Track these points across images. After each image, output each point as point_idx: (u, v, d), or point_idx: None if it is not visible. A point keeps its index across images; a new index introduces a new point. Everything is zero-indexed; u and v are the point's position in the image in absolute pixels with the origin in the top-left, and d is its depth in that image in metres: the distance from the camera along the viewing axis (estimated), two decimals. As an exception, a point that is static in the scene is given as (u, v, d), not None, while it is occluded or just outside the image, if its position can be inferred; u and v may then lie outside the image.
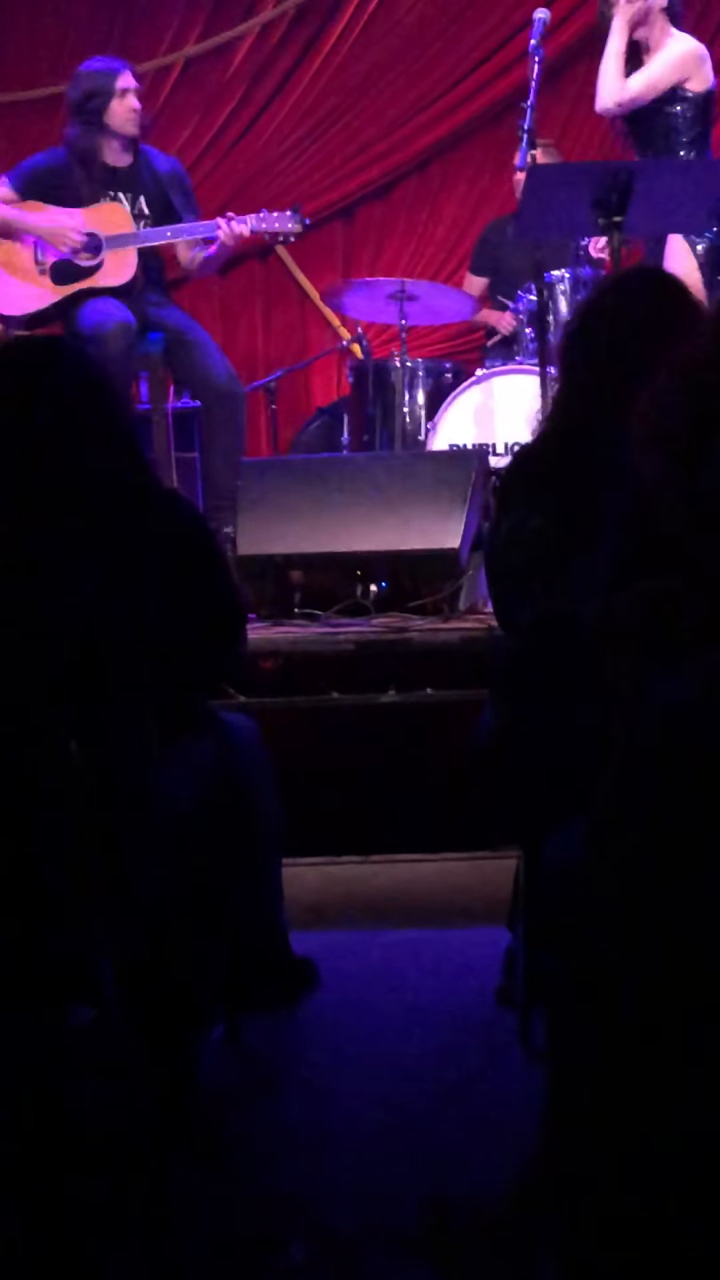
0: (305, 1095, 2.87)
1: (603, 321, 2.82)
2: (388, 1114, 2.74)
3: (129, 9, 7.42)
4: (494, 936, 3.28)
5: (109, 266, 5.45)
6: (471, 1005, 3.23)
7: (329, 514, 4.80)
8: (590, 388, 2.77)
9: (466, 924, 3.71)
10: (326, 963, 3.32)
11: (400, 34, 7.38)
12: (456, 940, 3.65)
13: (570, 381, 2.89)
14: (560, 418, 2.91)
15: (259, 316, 7.72)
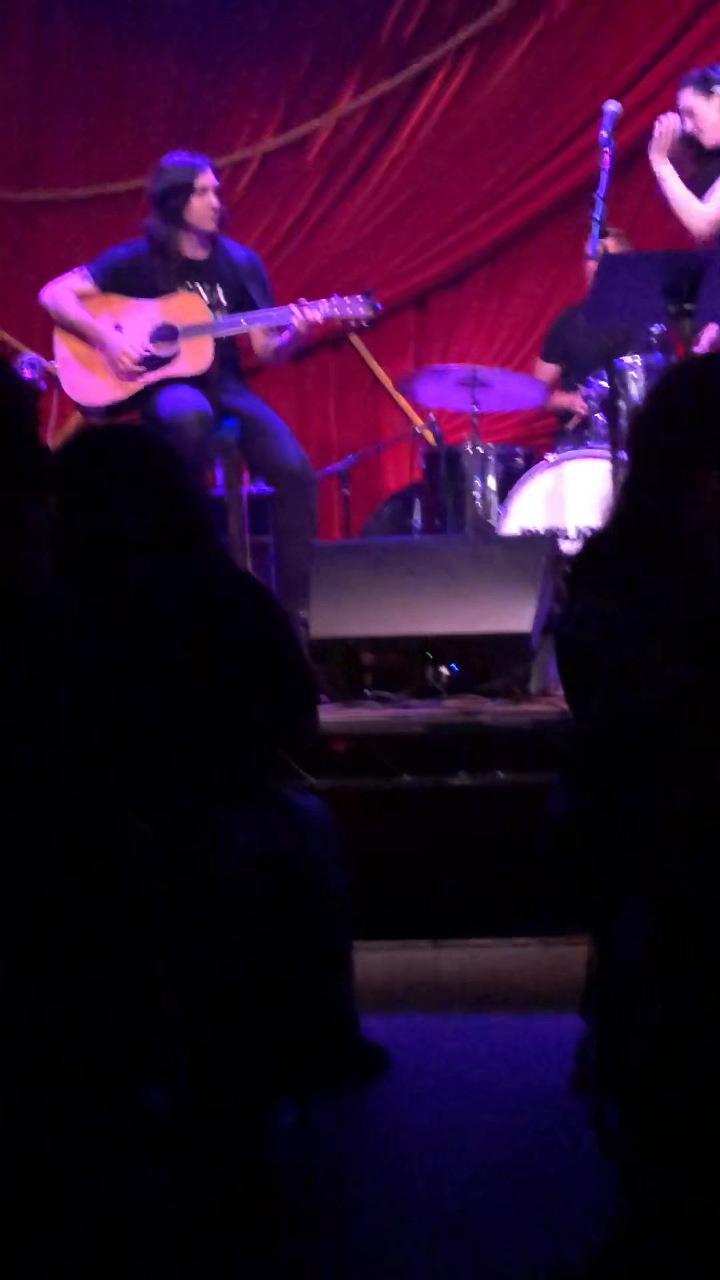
0: (375, 1182, 2.85)
1: (670, 408, 2.84)
2: (459, 1203, 2.71)
3: (206, 105, 7.58)
4: (566, 1023, 3.25)
5: (185, 355, 5.54)
6: (544, 1093, 3.20)
7: (400, 597, 4.82)
8: (658, 474, 2.79)
9: (538, 1010, 3.68)
10: (397, 1048, 3.30)
11: (473, 127, 7.49)
12: (528, 1026, 3.62)
13: (638, 467, 2.91)
14: (628, 504, 2.93)
15: (332, 403, 7.80)
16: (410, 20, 7.44)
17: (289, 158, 7.58)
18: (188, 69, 7.53)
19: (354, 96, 7.49)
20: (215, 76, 7.55)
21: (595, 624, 2.86)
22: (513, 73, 7.43)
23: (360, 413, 7.81)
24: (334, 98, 7.53)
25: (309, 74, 7.52)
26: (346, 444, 7.62)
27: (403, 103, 7.51)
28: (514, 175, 7.50)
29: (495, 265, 7.70)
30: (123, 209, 7.43)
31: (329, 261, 7.57)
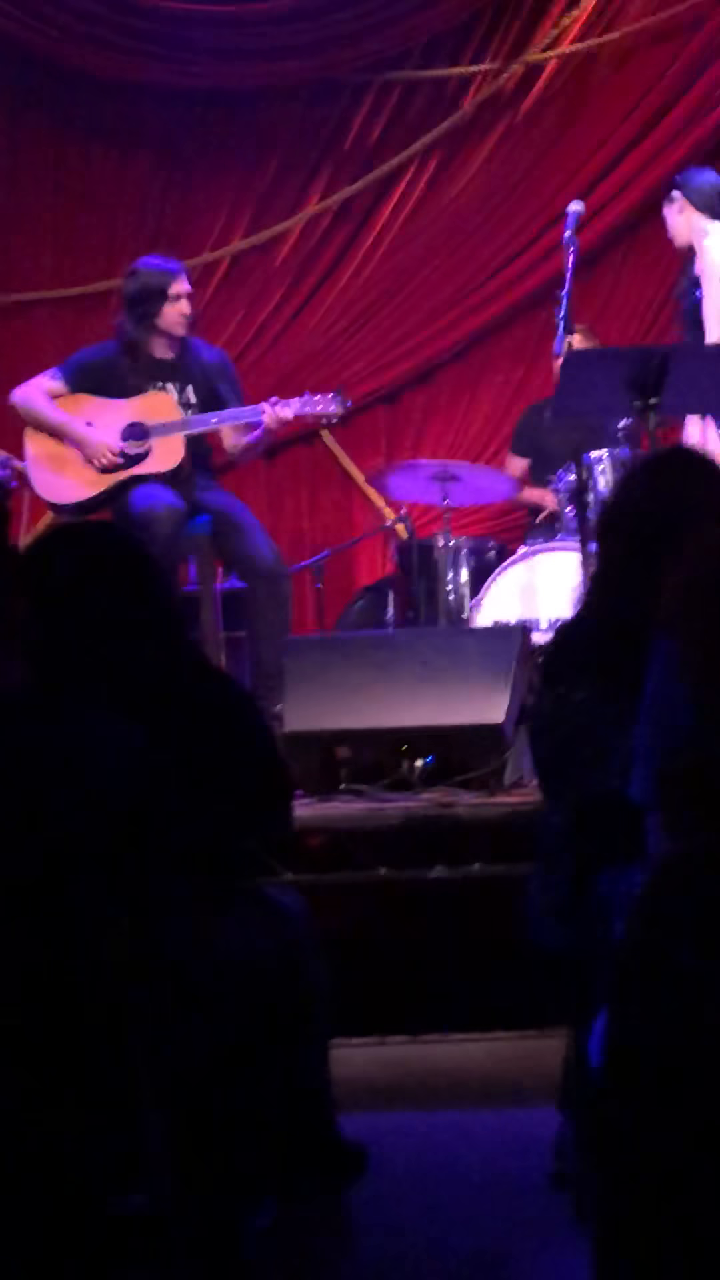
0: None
1: (636, 500, 2.88)
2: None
3: (175, 207, 7.67)
4: (546, 1117, 3.23)
5: (157, 453, 5.58)
6: (524, 1189, 3.17)
7: (375, 690, 4.84)
8: (626, 565, 2.82)
9: (517, 1105, 3.66)
10: (375, 1145, 3.27)
11: (440, 226, 7.60)
12: (508, 1121, 3.59)
13: (607, 559, 2.94)
14: (599, 595, 2.96)
15: (305, 498, 7.85)
16: (376, 123, 7.57)
17: (258, 258, 7.67)
18: (157, 171, 7.64)
19: (321, 198, 7.60)
20: (184, 179, 7.66)
21: (569, 714, 2.88)
22: (478, 174, 7.56)
23: (333, 507, 7.86)
24: (302, 200, 7.64)
25: (277, 176, 7.63)
26: (319, 538, 7.66)
27: (370, 204, 7.63)
28: (481, 274, 7.61)
29: (464, 362, 7.79)
30: (93, 310, 7.50)
31: (299, 360, 7.65)
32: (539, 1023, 3.90)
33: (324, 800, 4.74)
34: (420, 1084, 3.94)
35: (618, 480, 3.19)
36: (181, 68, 7.40)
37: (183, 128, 7.64)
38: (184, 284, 5.66)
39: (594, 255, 7.35)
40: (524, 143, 7.51)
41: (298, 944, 2.83)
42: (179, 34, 7.25)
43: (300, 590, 6.73)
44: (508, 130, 7.51)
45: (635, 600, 2.74)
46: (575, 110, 7.47)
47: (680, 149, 7.35)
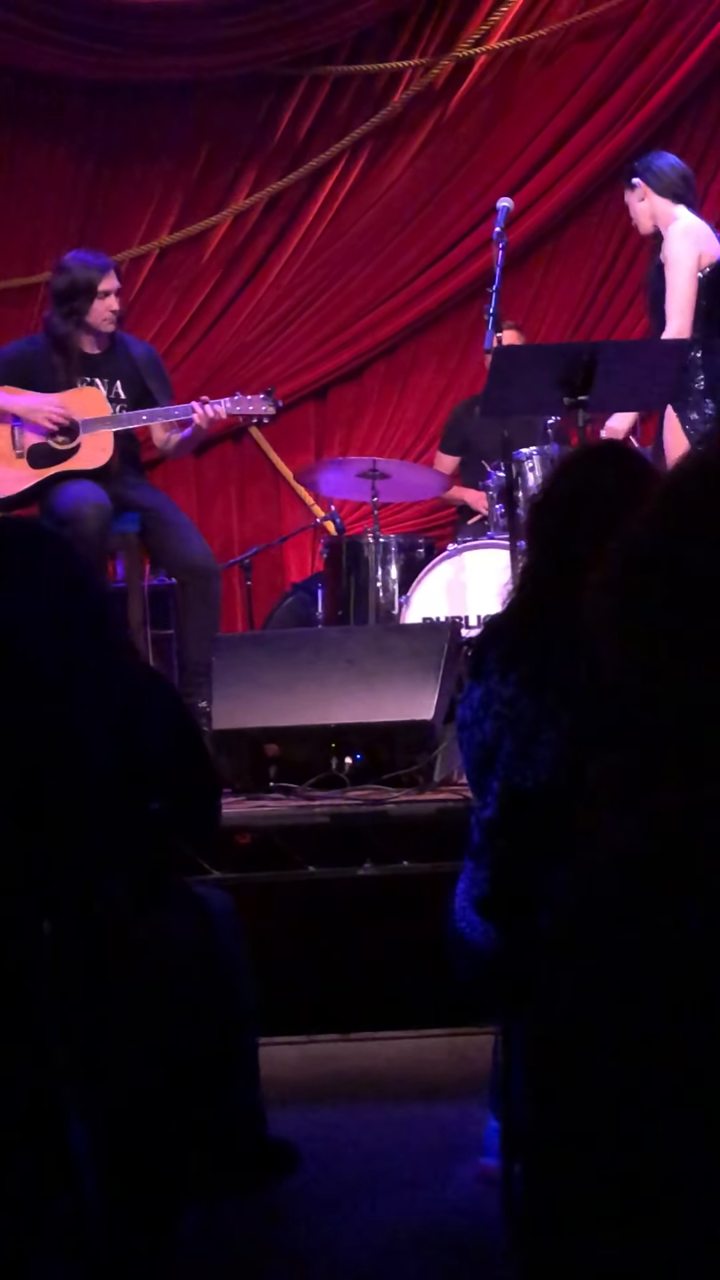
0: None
1: (564, 496, 2.88)
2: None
3: (104, 201, 7.62)
4: (475, 1114, 3.23)
5: (85, 450, 5.54)
6: (454, 1183, 3.17)
7: (303, 688, 4.82)
8: (553, 560, 2.82)
9: (447, 1101, 3.66)
10: (305, 1142, 3.26)
11: (369, 222, 7.60)
12: (438, 1117, 3.59)
13: (536, 554, 2.94)
14: (527, 589, 2.96)
15: (234, 495, 7.83)
16: (305, 118, 7.55)
17: (187, 252, 7.64)
18: (85, 164, 7.58)
19: (250, 193, 7.58)
20: (112, 172, 7.61)
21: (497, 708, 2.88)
22: (407, 170, 7.56)
23: (262, 504, 7.84)
24: (231, 194, 7.61)
25: (205, 170, 7.60)
26: (248, 535, 7.64)
27: (299, 199, 7.61)
28: (410, 270, 7.61)
29: (394, 358, 7.79)
30: (19, 304, 7.45)
31: (229, 354, 7.62)
32: (468, 1021, 3.90)
33: (252, 798, 4.72)
34: (350, 1081, 3.94)
35: (546, 476, 3.19)
36: (109, 61, 7.35)
37: (111, 121, 7.59)
38: (113, 280, 5.61)
39: (524, 252, 7.37)
40: (453, 138, 7.52)
41: (223, 942, 2.81)
42: (106, 27, 7.19)
43: (229, 587, 6.71)
44: (437, 126, 7.52)
45: (562, 595, 2.75)
46: (504, 106, 7.49)
47: (609, 146, 7.39)
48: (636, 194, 5.55)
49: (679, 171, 5.57)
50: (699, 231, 5.41)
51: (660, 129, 7.47)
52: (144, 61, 7.39)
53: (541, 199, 7.41)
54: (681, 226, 5.40)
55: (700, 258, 5.36)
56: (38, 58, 7.31)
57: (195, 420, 5.53)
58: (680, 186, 5.52)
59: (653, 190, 5.51)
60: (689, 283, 5.32)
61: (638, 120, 7.39)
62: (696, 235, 5.39)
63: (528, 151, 7.45)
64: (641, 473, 2.93)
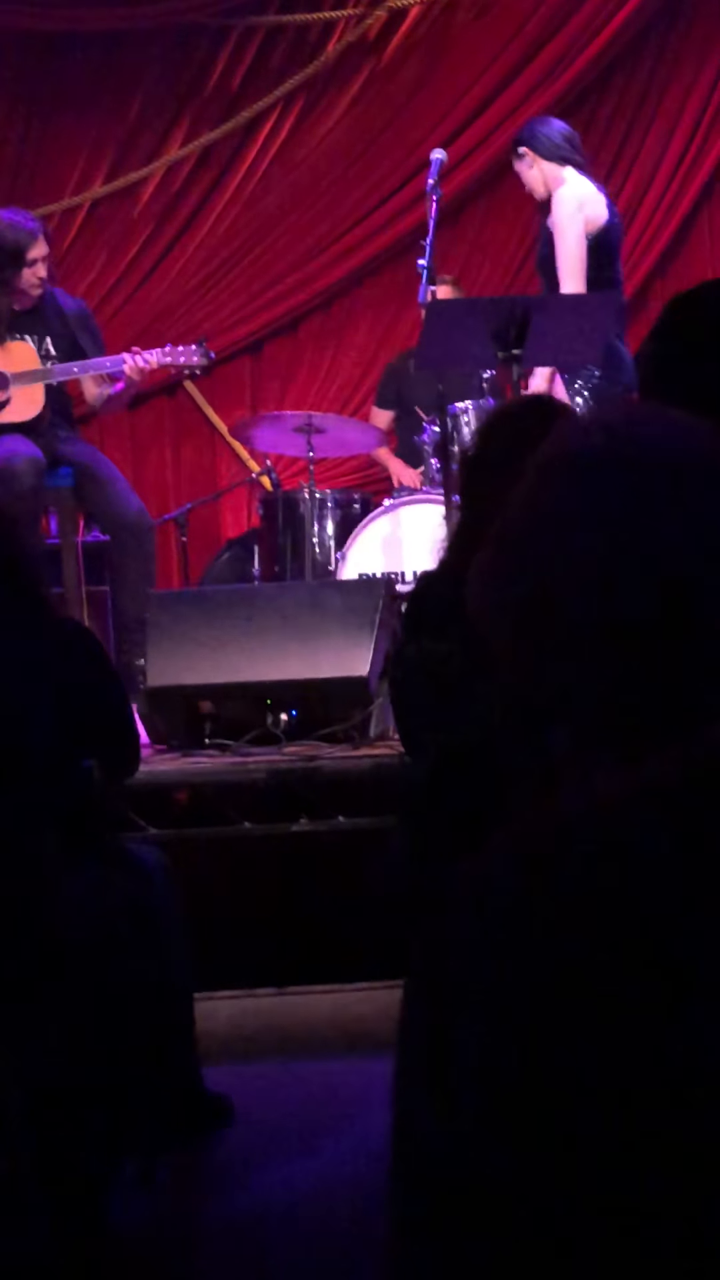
0: (220, 1236, 2.82)
1: (495, 449, 2.88)
2: (305, 1254, 2.69)
3: (34, 152, 7.54)
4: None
5: (16, 403, 5.49)
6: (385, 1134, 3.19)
7: (238, 644, 4.81)
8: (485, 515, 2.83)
9: (382, 1053, 3.68)
10: (242, 1097, 3.28)
11: (303, 174, 7.55)
12: (373, 1071, 3.60)
13: (467, 508, 2.95)
14: (459, 545, 2.96)
15: (169, 451, 7.79)
16: (238, 69, 7.49)
17: (118, 205, 7.57)
18: (14, 116, 7.49)
19: (183, 144, 7.51)
20: (43, 123, 7.53)
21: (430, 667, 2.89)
22: (341, 121, 7.52)
23: (197, 459, 7.81)
24: (163, 146, 7.54)
25: (138, 121, 7.53)
26: (183, 491, 7.61)
27: (232, 151, 7.55)
28: (345, 222, 7.58)
29: (329, 312, 7.76)
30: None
31: (162, 309, 7.57)
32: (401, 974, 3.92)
33: (187, 755, 4.72)
34: (286, 1036, 3.95)
35: (477, 429, 3.19)
36: (39, 11, 7.25)
37: (40, 71, 7.50)
38: (42, 247, 5.52)
39: (458, 205, 7.35)
40: (387, 90, 7.48)
41: (156, 898, 2.81)
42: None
43: (164, 544, 6.68)
44: (370, 76, 7.48)
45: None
46: (438, 58, 7.45)
47: (542, 98, 7.37)
48: (525, 162, 5.55)
49: (563, 134, 5.58)
50: (584, 194, 5.43)
51: (593, 82, 7.46)
52: (75, 11, 7.30)
53: (476, 151, 7.38)
54: (566, 192, 5.41)
55: (586, 222, 5.39)
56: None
57: (126, 371, 5.49)
58: (566, 149, 5.53)
59: (540, 156, 5.51)
60: (578, 245, 5.34)
61: (571, 72, 7.37)
62: (580, 199, 5.41)
63: (462, 103, 7.42)
64: None
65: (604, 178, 7.37)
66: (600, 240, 5.42)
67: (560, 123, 5.72)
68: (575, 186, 5.44)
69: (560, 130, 5.60)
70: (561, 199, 5.40)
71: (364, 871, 3.93)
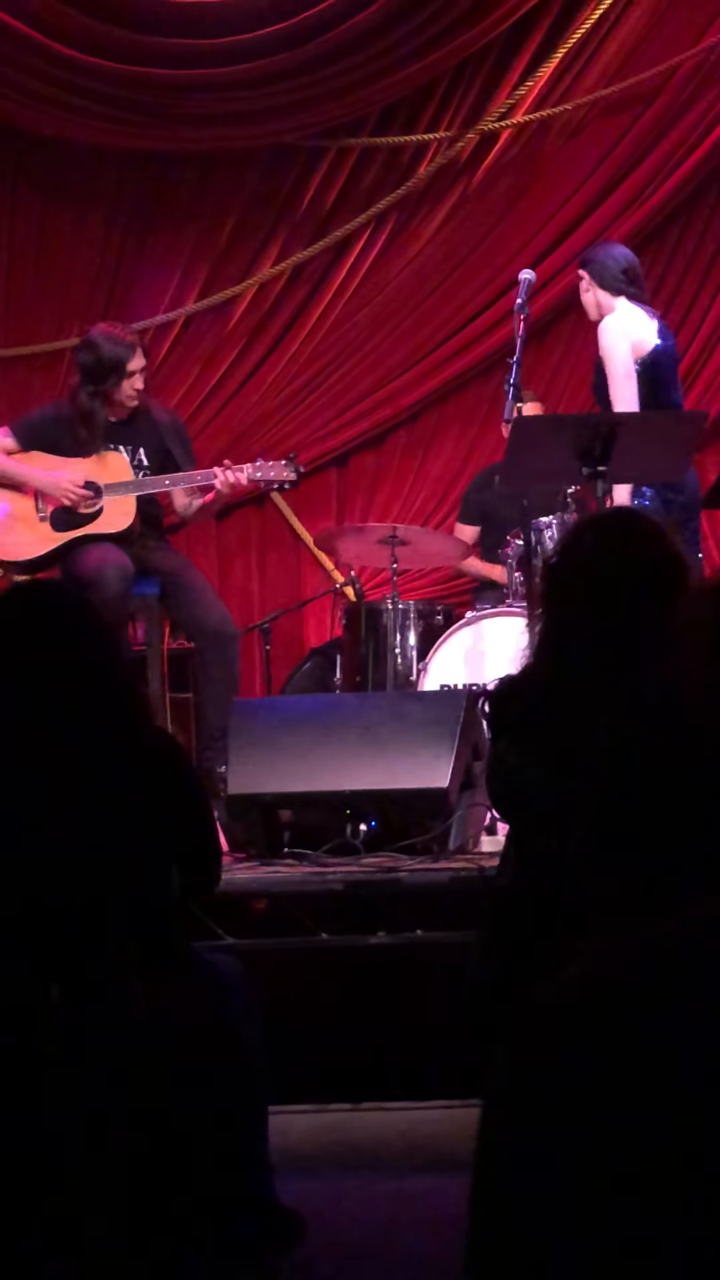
0: None
1: (584, 557, 2.90)
2: None
3: (130, 268, 7.70)
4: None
5: (108, 514, 5.58)
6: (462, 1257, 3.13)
7: (319, 753, 4.82)
8: (571, 622, 2.84)
9: (458, 1173, 3.62)
10: (315, 1213, 3.23)
11: (393, 292, 7.66)
12: (450, 1190, 3.55)
13: (552, 615, 2.95)
14: (544, 652, 2.96)
15: (254, 560, 7.86)
16: (331, 189, 7.63)
17: (212, 320, 7.70)
18: (112, 232, 7.66)
19: (276, 262, 7.65)
20: (139, 240, 7.69)
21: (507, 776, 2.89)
22: (431, 241, 7.62)
23: (282, 569, 7.87)
24: (256, 263, 7.67)
25: (232, 238, 7.67)
26: (268, 600, 7.67)
27: (324, 268, 7.67)
28: (433, 339, 7.66)
29: (415, 426, 7.84)
30: (46, 368, 7.52)
31: (252, 422, 7.67)
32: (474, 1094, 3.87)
33: (266, 864, 4.71)
34: (360, 1152, 3.90)
35: (563, 538, 3.21)
36: (139, 131, 7.44)
37: (139, 189, 7.68)
38: (140, 359, 5.65)
39: (545, 324, 7.42)
40: (477, 210, 7.58)
41: (233, 1008, 2.80)
42: (137, 98, 7.29)
43: (248, 652, 6.72)
44: (461, 198, 7.59)
45: (580, 657, 2.76)
46: (528, 179, 7.55)
47: (631, 220, 7.45)
48: (583, 285, 5.66)
49: (620, 265, 5.67)
50: (630, 322, 5.50)
51: (682, 204, 7.53)
52: (173, 132, 7.48)
53: (564, 271, 7.45)
54: (611, 321, 5.50)
55: (633, 349, 5.45)
56: (67, 127, 7.41)
57: (217, 485, 5.57)
58: (622, 281, 5.63)
59: (595, 283, 5.60)
60: (626, 375, 5.44)
61: (660, 195, 7.45)
62: (626, 326, 5.50)
63: (551, 224, 7.51)
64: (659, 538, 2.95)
65: (688, 303, 7.47)
66: (650, 367, 5.49)
67: (624, 251, 5.80)
68: (622, 315, 5.52)
69: (622, 258, 5.69)
70: (606, 328, 5.49)
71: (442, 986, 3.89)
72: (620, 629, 2.75)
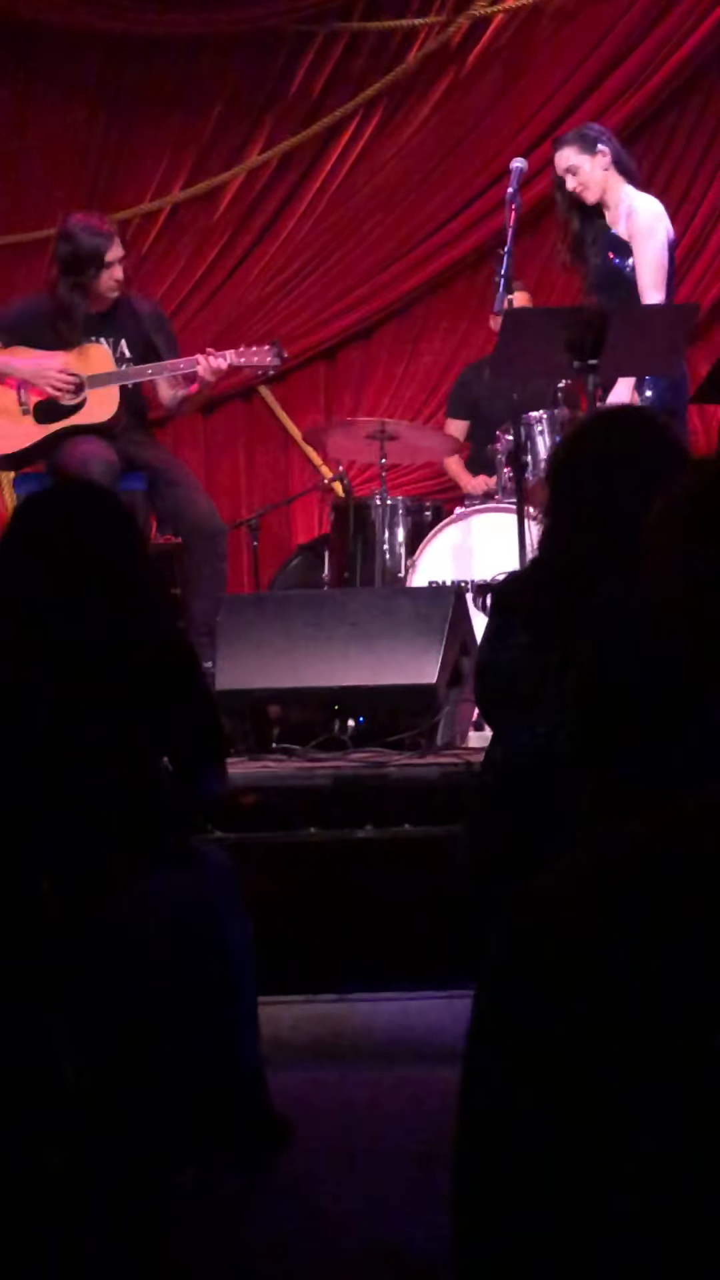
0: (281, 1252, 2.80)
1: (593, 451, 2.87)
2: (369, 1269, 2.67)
3: (115, 157, 7.58)
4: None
5: (91, 405, 5.52)
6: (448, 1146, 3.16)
7: (307, 650, 4.81)
8: (580, 514, 2.82)
9: (446, 1064, 3.65)
10: (302, 1105, 3.26)
11: (382, 181, 7.55)
12: (436, 1080, 3.59)
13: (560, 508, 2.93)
14: (550, 543, 2.95)
15: (241, 456, 7.80)
16: (319, 75, 7.49)
17: (198, 210, 7.59)
18: (96, 120, 7.54)
19: (263, 150, 7.53)
20: (124, 128, 7.57)
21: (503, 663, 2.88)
22: (421, 129, 7.50)
23: (269, 465, 7.82)
24: (243, 151, 7.56)
25: (218, 127, 7.55)
26: (256, 496, 7.62)
27: (312, 157, 7.56)
28: (422, 230, 7.56)
29: (404, 319, 7.75)
30: (28, 258, 7.40)
31: (238, 314, 7.59)
32: (465, 983, 3.90)
33: (254, 759, 4.72)
34: (347, 1043, 3.94)
35: (571, 432, 3.18)
36: (123, 15, 7.29)
37: (124, 76, 7.55)
38: (118, 249, 5.53)
39: (537, 214, 7.30)
40: (468, 98, 7.46)
41: (222, 900, 2.81)
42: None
43: (235, 548, 6.70)
44: (452, 84, 7.46)
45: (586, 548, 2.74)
46: (520, 66, 7.43)
47: (625, 109, 7.33)
48: (599, 160, 5.46)
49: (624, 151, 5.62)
50: (660, 208, 5.45)
51: (676, 93, 7.41)
52: (158, 16, 7.34)
53: (557, 160, 7.34)
54: (647, 204, 5.42)
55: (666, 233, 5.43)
56: (52, 11, 7.26)
57: (200, 373, 5.50)
58: (634, 169, 5.56)
59: (614, 164, 5.48)
60: (663, 255, 5.34)
61: (654, 83, 7.33)
62: (661, 211, 5.43)
63: (543, 112, 7.39)
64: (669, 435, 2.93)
65: (683, 191, 7.36)
66: (671, 260, 5.43)
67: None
68: (650, 200, 5.43)
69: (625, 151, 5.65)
70: (646, 209, 5.38)
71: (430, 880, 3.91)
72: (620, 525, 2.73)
